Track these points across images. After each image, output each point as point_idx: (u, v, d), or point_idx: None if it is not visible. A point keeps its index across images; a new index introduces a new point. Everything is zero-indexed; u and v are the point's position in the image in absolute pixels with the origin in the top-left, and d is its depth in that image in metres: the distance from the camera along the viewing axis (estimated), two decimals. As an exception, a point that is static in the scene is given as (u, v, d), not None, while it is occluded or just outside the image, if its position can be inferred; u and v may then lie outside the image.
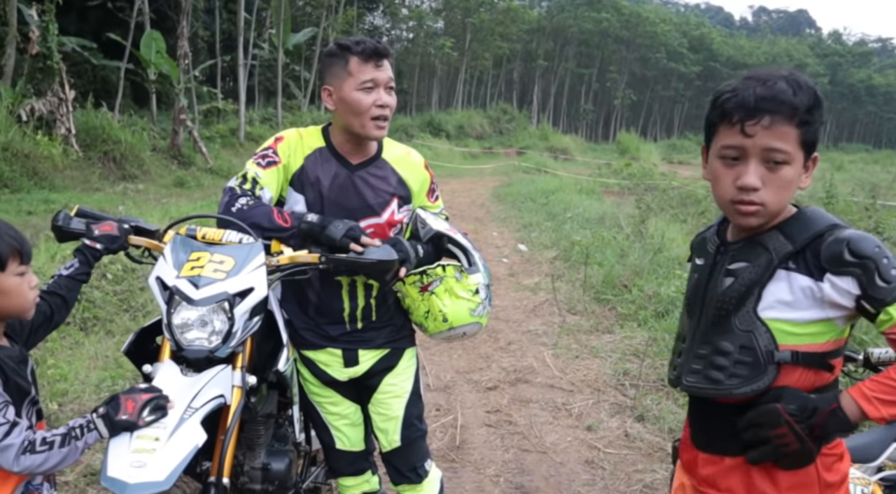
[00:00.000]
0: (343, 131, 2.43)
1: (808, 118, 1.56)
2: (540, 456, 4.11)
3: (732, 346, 1.68)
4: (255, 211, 2.29)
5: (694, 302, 1.81)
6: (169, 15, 21.98)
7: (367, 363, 2.55)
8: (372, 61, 2.33)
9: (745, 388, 1.67)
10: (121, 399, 1.81)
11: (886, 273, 1.51)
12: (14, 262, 1.81)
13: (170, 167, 15.58)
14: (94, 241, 2.20)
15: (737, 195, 1.61)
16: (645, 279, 7.45)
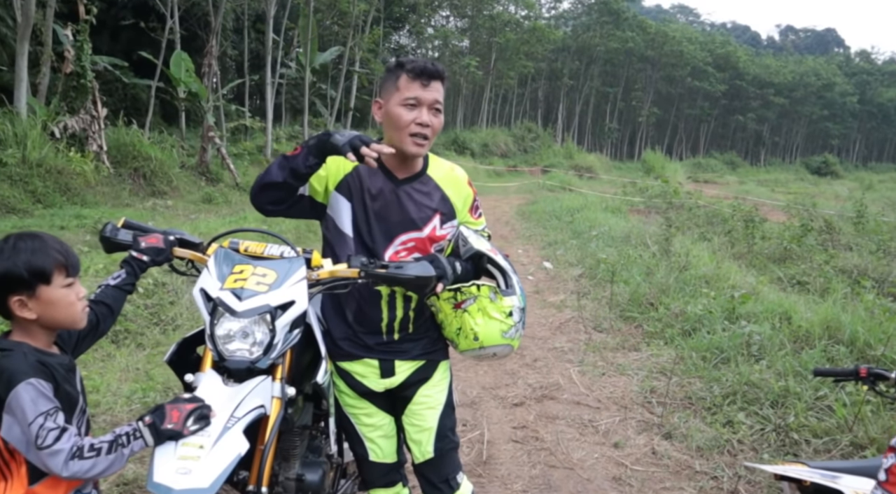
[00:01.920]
0: (389, 144, 2.49)
1: None
2: (567, 472, 4.12)
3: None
4: (268, 171, 2.36)
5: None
6: (199, 34, 22.38)
7: (402, 374, 2.59)
8: (419, 80, 2.39)
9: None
10: (166, 408, 1.87)
11: None
12: (60, 275, 1.88)
13: (198, 183, 15.79)
14: (140, 253, 2.28)
15: None
16: (671, 297, 7.44)
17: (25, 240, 1.86)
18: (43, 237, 1.90)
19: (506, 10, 47.91)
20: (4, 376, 1.78)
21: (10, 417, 1.77)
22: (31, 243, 1.86)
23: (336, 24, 32.87)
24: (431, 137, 2.44)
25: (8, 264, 1.82)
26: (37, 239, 1.88)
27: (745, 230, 12.00)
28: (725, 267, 8.57)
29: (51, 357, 1.90)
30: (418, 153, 2.44)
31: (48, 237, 1.91)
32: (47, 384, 1.82)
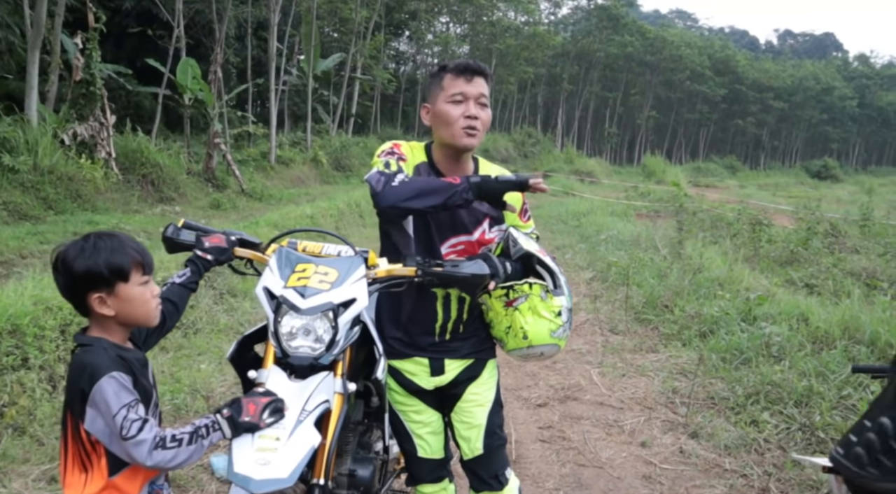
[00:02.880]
0: (441, 146, 2.55)
1: None
2: (597, 471, 4.17)
3: (892, 426, 1.37)
4: (419, 181, 2.38)
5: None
6: (202, 42, 22.47)
7: (452, 372, 2.64)
8: (463, 76, 2.46)
9: (886, 485, 1.36)
10: (243, 402, 1.93)
11: None
12: (137, 273, 1.94)
13: (205, 189, 15.85)
14: (205, 253, 2.33)
15: None
16: (686, 299, 7.49)
17: (104, 239, 1.91)
18: (120, 236, 1.95)
19: (505, 16, 48.08)
20: (87, 370, 1.83)
21: (93, 410, 1.83)
22: (110, 242, 1.91)
23: (338, 31, 33.01)
24: (482, 130, 2.48)
25: (89, 262, 1.87)
26: (115, 238, 1.93)
27: (751, 233, 12.06)
28: (738, 269, 8.62)
29: (127, 352, 1.96)
30: (471, 144, 2.47)
31: (125, 237, 1.96)
32: (127, 377, 1.87)
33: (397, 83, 38.19)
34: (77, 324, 4.86)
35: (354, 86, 30.90)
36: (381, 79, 33.81)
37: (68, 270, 1.88)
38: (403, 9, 38.45)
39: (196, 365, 5.24)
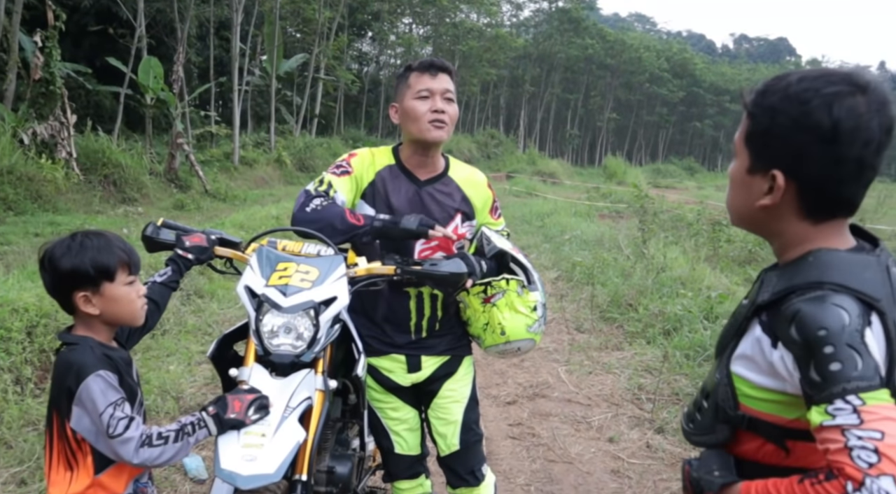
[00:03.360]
0: (410, 144, 2.60)
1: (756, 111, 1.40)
2: (567, 467, 4.25)
3: (705, 390, 1.54)
4: (328, 211, 2.41)
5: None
6: (164, 41, 22.20)
7: (429, 369, 2.69)
8: (428, 73, 2.53)
9: (697, 438, 1.55)
10: (228, 399, 1.95)
11: (823, 365, 1.21)
12: (123, 273, 1.95)
13: (168, 190, 15.70)
14: (186, 252, 2.35)
15: None
16: (649, 298, 7.62)
17: (91, 237, 1.93)
18: (107, 235, 1.96)
19: (468, 18, 48.20)
20: (74, 369, 1.84)
21: (79, 408, 1.84)
22: (96, 241, 1.92)
23: (301, 32, 32.83)
24: (449, 124, 2.54)
25: (76, 261, 1.88)
26: (102, 237, 1.95)
27: (711, 233, 12.27)
28: (699, 268, 8.79)
29: (113, 350, 1.97)
30: (439, 137, 2.52)
31: (112, 236, 1.98)
32: (114, 375, 1.89)
33: (360, 84, 38.07)
34: (44, 326, 4.82)
35: (318, 87, 30.76)
36: (345, 79, 33.69)
37: (54, 268, 1.89)
38: (366, 10, 38.34)
39: (165, 366, 5.22)
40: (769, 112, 1.36)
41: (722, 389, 1.44)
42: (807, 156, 1.32)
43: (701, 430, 1.51)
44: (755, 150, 1.40)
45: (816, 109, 1.29)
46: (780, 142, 1.34)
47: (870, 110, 1.29)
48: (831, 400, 1.19)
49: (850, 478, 1.13)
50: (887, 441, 1.13)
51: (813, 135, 1.30)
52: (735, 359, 1.43)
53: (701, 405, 1.52)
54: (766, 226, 1.45)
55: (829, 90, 1.29)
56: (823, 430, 1.20)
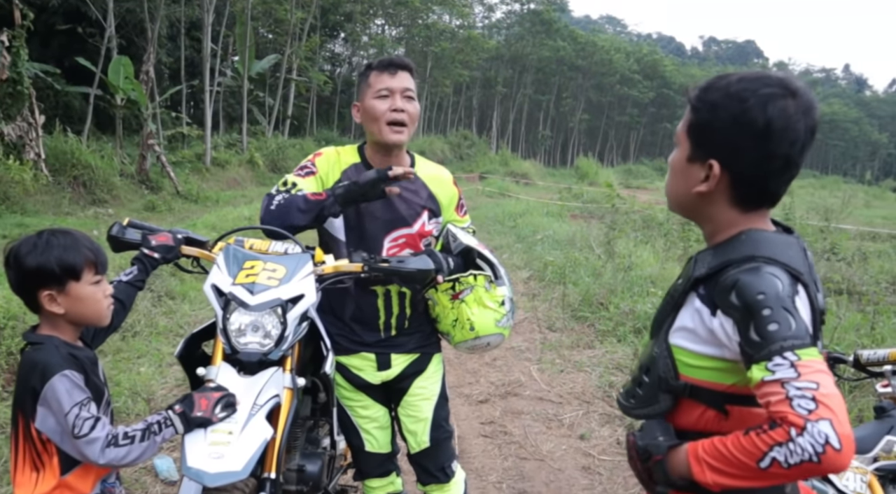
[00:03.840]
0: (372, 144, 2.62)
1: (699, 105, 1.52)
2: (538, 464, 4.27)
3: (644, 365, 1.64)
4: (290, 199, 2.42)
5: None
6: (134, 41, 21.98)
7: (398, 366, 2.70)
8: (387, 72, 2.54)
9: (639, 411, 1.63)
10: (195, 397, 1.95)
11: (762, 326, 1.33)
12: (90, 272, 1.94)
13: (139, 191, 15.54)
14: (151, 251, 2.33)
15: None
16: (620, 297, 7.68)
17: (58, 236, 1.92)
18: (74, 234, 1.95)
19: (440, 20, 48.26)
20: (39, 368, 1.83)
21: (44, 408, 1.83)
22: (63, 239, 1.91)
23: (273, 32, 32.68)
24: (410, 124, 2.55)
25: (41, 259, 1.87)
26: (69, 235, 1.93)
27: (681, 233, 12.39)
28: (669, 267, 8.88)
29: (78, 350, 1.96)
30: (398, 141, 2.54)
31: (80, 234, 1.97)
32: (79, 375, 1.88)
33: (333, 85, 38.01)
34: (11, 328, 4.77)
35: (290, 88, 30.63)
36: (317, 80, 33.59)
37: (19, 266, 1.87)
38: (339, 10, 38.27)
39: (136, 368, 5.17)
40: (711, 107, 1.49)
41: (662, 361, 1.55)
42: (741, 150, 1.46)
43: (643, 403, 1.61)
44: (695, 141, 1.53)
45: (753, 108, 1.43)
46: (719, 134, 1.48)
47: (798, 112, 1.43)
48: (770, 357, 1.31)
49: (792, 425, 1.24)
50: (822, 390, 1.25)
51: (748, 131, 1.44)
52: (673, 332, 1.55)
53: (641, 380, 1.63)
54: (699, 211, 1.59)
55: (764, 91, 1.43)
56: (764, 385, 1.31)
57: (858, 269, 10.24)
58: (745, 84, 1.45)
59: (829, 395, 1.25)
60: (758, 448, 1.28)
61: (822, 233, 12.15)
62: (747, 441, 1.31)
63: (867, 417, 4.44)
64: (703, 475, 1.38)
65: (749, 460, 1.30)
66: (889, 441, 2.67)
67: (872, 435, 2.71)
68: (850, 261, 10.97)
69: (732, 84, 1.46)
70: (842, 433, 1.22)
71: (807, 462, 1.23)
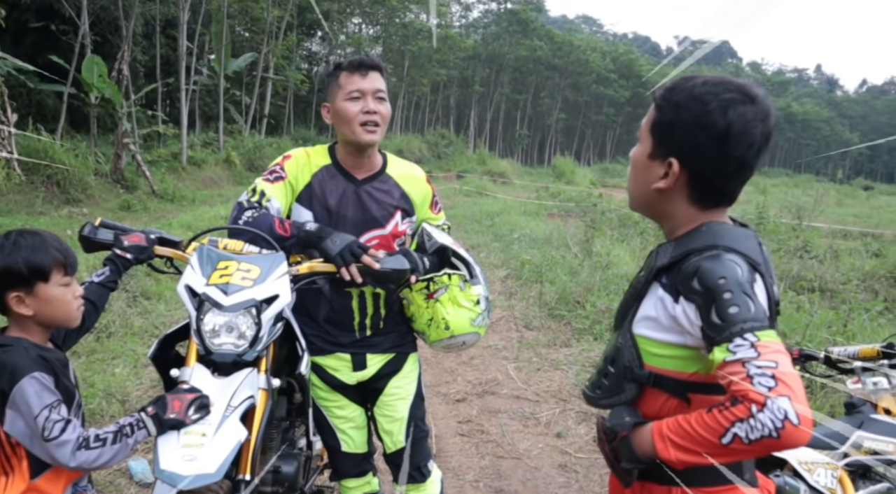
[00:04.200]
0: (344, 144, 2.60)
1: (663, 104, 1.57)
2: (515, 462, 4.28)
3: (609, 357, 1.67)
4: (257, 221, 2.41)
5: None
6: (109, 39, 21.75)
7: (374, 366, 2.69)
8: (358, 73, 2.51)
9: (605, 401, 1.66)
10: (168, 399, 1.93)
11: (723, 309, 1.39)
12: (58, 273, 1.92)
13: (114, 191, 15.40)
14: (124, 251, 2.31)
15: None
16: (596, 295, 7.73)
17: (26, 237, 1.89)
18: (43, 235, 1.93)
19: (417, 19, 48.21)
20: (7, 370, 1.81)
21: (13, 411, 1.80)
22: (31, 240, 1.89)
23: (249, 31, 32.47)
24: (382, 124, 2.54)
25: (8, 260, 1.85)
26: (37, 236, 1.91)
27: (657, 232, 12.47)
28: (645, 266, 8.92)
29: (48, 352, 1.94)
30: (371, 140, 2.53)
31: (48, 235, 1.94)
32: (49, 377, 1.85)
33: (310, 84, 37.83)
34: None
35: (267, 87, 30.46)
36: (294, 79, 33.42)
37: None
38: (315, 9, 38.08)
39: (110, 369, 5.12)
40: (674, 107, 1.55)
41: (627, 351, 1.60)
42: (700, 150, 1.52)
43: (609, 393, 1.65)
44: (657, 138, 1.59)
45: (714, 111, 1.49)
46: (681, 134, 1.54)
47: (756, 118, 1.50)
48: (731, 338, 1.36)
49: (753, 401, 1.30)
50: (781, 368, 1.31)
51: (708, 133, 1.50)
52: (637, 322, 1.59)
53: (606, 371, 1.66)
54: (659, 207, 1.64)
55: (725, 96, 1.49)
56: (726, 366, 1.36)
57: (830, 267, 10.37)
58: (709, 88, 1.51)
59: (787, 374, 1.30)
60: (720, 424, 1.33)
61: (795, 231, 12.28)
62: (710, 418, 1.35)
63: (838, 413, 4.49)
64: (666, 452, 1.43)
65: (711, 436, 1.34)
66: (860, 436, 2.70)
67: (843, 431, 2.74)
68: (822, 259, 11.11)
69: (697, 86, 1.52)
70: (800, 409, 1.27)
71: (766, 437, 1.27)
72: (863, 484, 2.73)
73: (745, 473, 1.56)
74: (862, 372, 2.91)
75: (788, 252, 11.68)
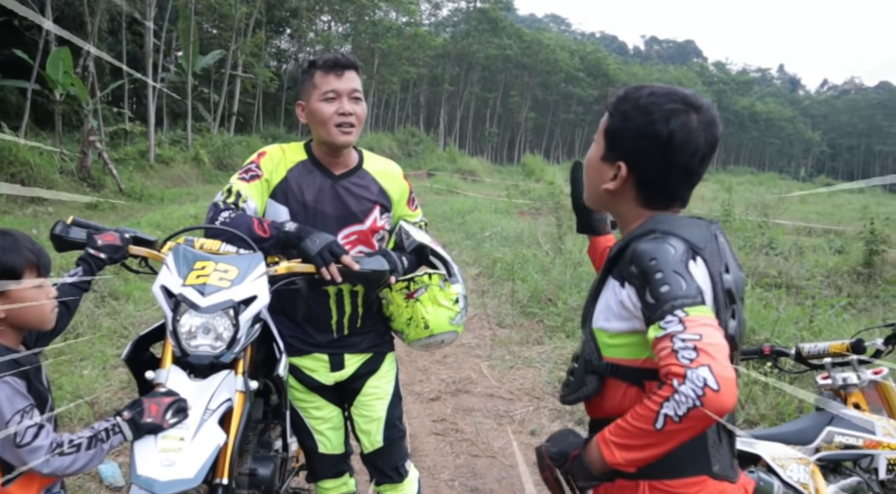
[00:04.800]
0: (319, 143, 2.58)
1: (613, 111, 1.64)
2: (490, 461, 4.29)
3: (575, 355, 1.71)
4: (235, 222, 2.38)
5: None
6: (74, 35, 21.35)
7: (352, 366, 2.68)
8: (333, 73, 2.47)
9: (571, 397, 1.68)
10: (144, 403, 1.90)
11: (655, 288, 1.43)
12: (31, 275, 1.88)
13: (81, 189, 15.19)
14: (97, 251, 2.27)
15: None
16: (568, 292, 7.77)
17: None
18: (15, 235, 1.89)
19: (387, 17, 48.07)
20: None
21: None
22: (2, 241, 1.85)
23: (217, 28, 32.14)
24: (357, 125, 2.52)
25: None
26: (8, 236, 1.87)
27: (624, 229, 12.55)
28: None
29: (20, 355, 1.90)
30: (347, 141, 2.51)
31: (21, 236, 1.90)
32: (21, 382, 1.82)
33: (279, 81, 37.54)
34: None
35: (236, 84, 30.19)
36: (263, 77, 33.16)
37: None
38: (284, 6, 37.79)
39: (79, 370, 5.05)
40: (622, 115, 1.61)
41: (587, 345, 1.64)
42: (646, 157, 1.59)
43: (573, 388, 1.67)
44: (608, 143, 1.65)
45: (657, 121, 1.55)
46: (628, 141, 1.60)
47: (699, 127, 1.55)
48: (663, 316, 1.40)
49: (675, 376, 1.34)
50: (704, 340, 1.34)
51: (652, 142, 1.56)
52: (595, 316, 1.64)
53: (573, 368, 1.70)
54: (610, 205, 1.72)
55: (668, 106, 1.55)
56: (658, 342, 1.40)
57: (795, 263, 10.52)
58: (654, 98, 1.57)
59: (711, 344, 1.34)
60: (650, 410, 1.37)
61: (761, 228, 12.44)
62: (641, 408, 1.40)
63: (807, 407, 4.56)
64: (613, 456, 1.44)
65: (646, 425, 1.37)
66: (830, 431, 2.75)
67: (814, 426, 2.79)
68: (788, 256, 11.26)
69: (643, 97, 1.59)
70: (720, 375, 1.30)
71: (692, 408, 1.31)
72: (834, 478, 2.78)
73: (714, 465, 1.56)
74: (832, 367, 2.97)
75: (755, 249, 11.84)
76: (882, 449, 2.77)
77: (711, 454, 1.56)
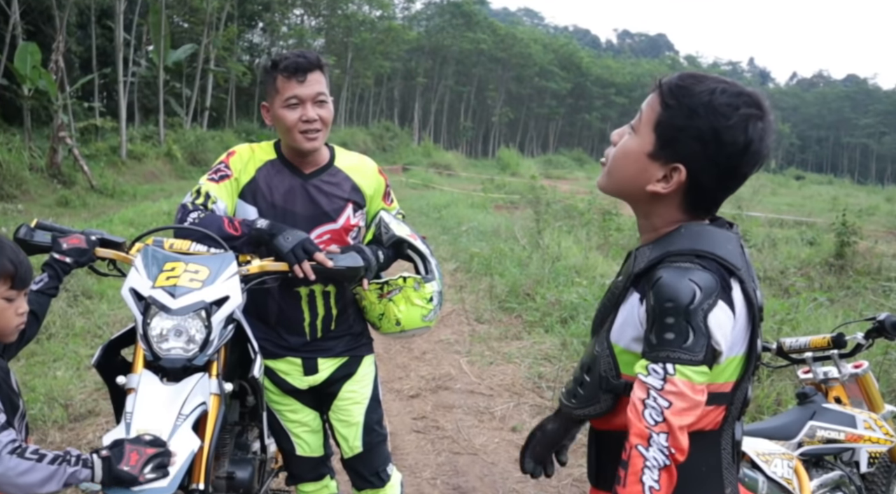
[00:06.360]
0: (287, 146, 2.52)
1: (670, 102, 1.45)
2: (472, 458, 4.26)
3: (585, 365, 1.62)
4: (204, 222, 2.31)
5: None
6: (42, 29, 21.05)
7: (326, 371, 2.61)
8: (295, 78, 2.37)
9: (580, 411, 1.61)
10: (126, 448, 1.79)
11: (661, 332, 1.36)
12: (3, 285, 1.80)
13: (51, 186, 14.97)
14: (63, 255, 2.18)
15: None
16: (546, 287, 7.75)
17: None
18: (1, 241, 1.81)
19: (360, 10, 47.85)
20: None
21: None
22: None
23: (188, 21, 31.81)
24: (324, 129, 2.44)
25: None
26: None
27: (602, 222, 12.60)
28: (592, 257, 9.00)
29: (-13, 361, 1.82)
30: (313, 147, 2.45)
31: (7, 244, 1.82)
32: (-14, 388, 1.75)
33: (252, 76, 37.22)
34: None
35: (208, 79, 29.92)
36: (236, 71, 32.89)
37: None
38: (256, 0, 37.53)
39: (52, 372, 4.95)
40: (688, 112, 1.41)
41: (604, 360, 1.53)
42: (713, 163, 1.42)
43: (584, 402, 1.59)
44: (662, 140, 1.45)
45: (735, 127, 1.39)
46: (694, 143, 1.42)
47: (767, 134, 1.43)
48: (655, 360, 1.36)
49: (640, 438, 1.33)
50: (673, 408, 1.32)
51: (726, 149, 1.40)
52: (614, 330, 1.52)
53: (583, 380, 1.61)
54: (645, 206, 1.54)
55: (745, 111, 1.39)
56: (638, 383, 1.37)
57: (769, 255, 10.60)
58: (727, 98, 1.40)
59: (675, 415, 1.32)
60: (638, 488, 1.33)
61: (736, 220, 12.52)
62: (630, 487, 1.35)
63: (785, 400, 4.58)
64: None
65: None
66: (812, 426, 2.74)
67: (796, 421, 2.78)
68: (761, 248, 11.35)
69: (714, 94, 1.40)
70: (675, 446, 1.31)
71: (661, 469, 1.32)
72: (816, 473, 2.78)
73: (727, 487, 1.51)
74: (813, 362, 2.96)
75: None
76: (863, 443, 2.77)
77: (725, 476, 1.50)
